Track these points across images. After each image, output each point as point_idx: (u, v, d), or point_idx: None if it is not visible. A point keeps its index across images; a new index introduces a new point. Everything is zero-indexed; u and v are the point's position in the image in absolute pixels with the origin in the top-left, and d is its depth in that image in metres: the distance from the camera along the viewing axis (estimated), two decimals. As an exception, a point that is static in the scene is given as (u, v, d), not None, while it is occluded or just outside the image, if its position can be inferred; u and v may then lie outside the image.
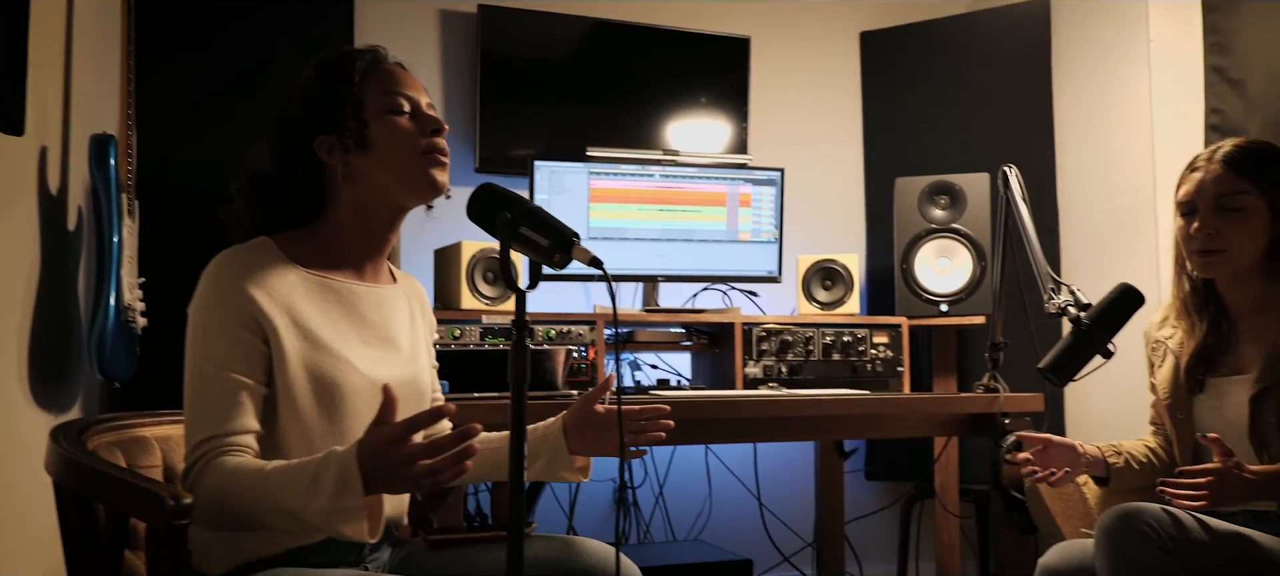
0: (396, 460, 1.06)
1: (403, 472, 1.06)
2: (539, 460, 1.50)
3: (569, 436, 1.49)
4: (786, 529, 3.14)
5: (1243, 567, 1.51)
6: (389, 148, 1.34)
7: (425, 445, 1.07)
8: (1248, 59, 2.40)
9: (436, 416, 1.09)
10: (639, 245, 2.61)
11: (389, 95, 1.36)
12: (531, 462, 1.50)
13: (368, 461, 1.07)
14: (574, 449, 1.49)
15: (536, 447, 1.50)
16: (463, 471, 1.08)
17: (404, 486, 1.10)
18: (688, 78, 3.09)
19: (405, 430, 1.07)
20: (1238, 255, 1.63)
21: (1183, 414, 1.75)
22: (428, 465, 1.06)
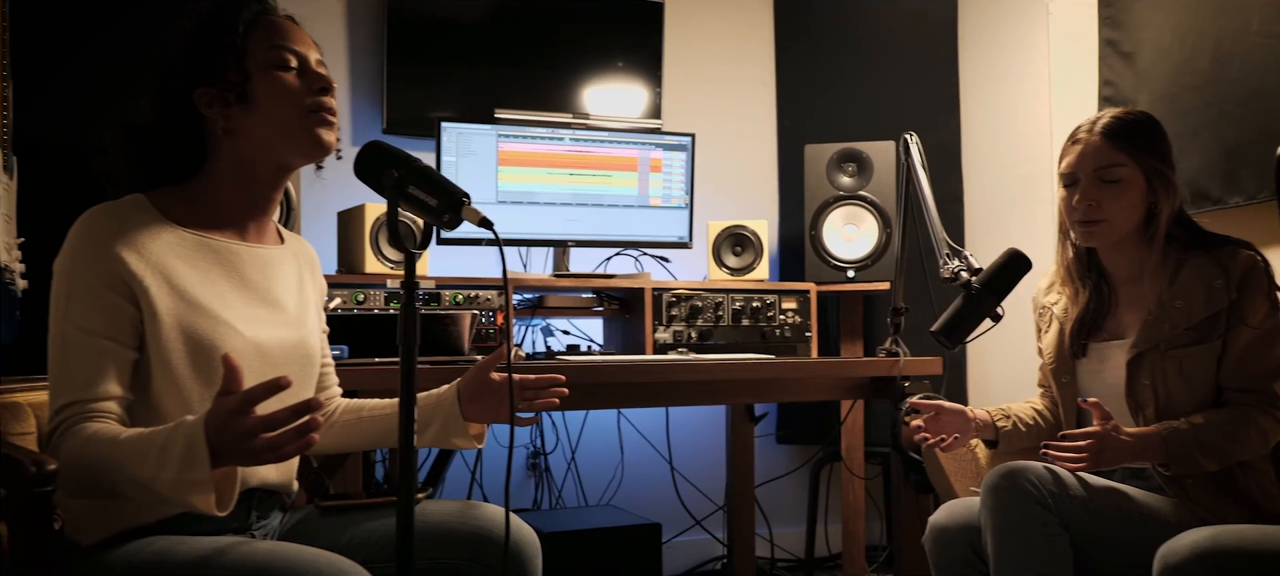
0: (237, 432, 1.03)
1: (244, 446, 1.03)
2: (432, 427, 1.48)
3: (463, 403, 1.47)
4: (698, 492, 3.18)
5: (1118, 521, 1.58)
6: (272, 103, 1.29)
7: (265, 418, 1.03)
8: (1138, 33, 2.47)
9: (273, 389, 1.04)
10: (549, 210, 2.59)
11: (274, 49, 1.31)
12: (424, 429, 1.48)
13: (214, 433, 1.04)
14: (468, 416, 1.47)
15: (430, 414, 1.48)
16: (307, 445, 1.05)
17: (248, 459, 1.06)
18: (601, 42, 3.05)
19: (243, 402, 1.03)
20: (1117, 224, 1.69)
21: (1067, 377, 1.81)
22: (268, 439, 1.03)
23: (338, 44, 2.86)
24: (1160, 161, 1.67)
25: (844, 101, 3.25)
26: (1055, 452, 1.61)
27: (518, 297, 2.68)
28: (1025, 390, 2.00)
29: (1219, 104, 2.23)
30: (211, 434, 1.03)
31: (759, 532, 3.14)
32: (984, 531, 1.61)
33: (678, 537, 3.16)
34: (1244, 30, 2.17)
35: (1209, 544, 1.23)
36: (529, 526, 1.47)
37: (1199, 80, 2.28)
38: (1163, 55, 2.39)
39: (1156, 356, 1.65)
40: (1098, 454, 1.58)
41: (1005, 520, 1.56)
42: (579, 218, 2.62)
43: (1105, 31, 2.57)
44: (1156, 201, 1.67)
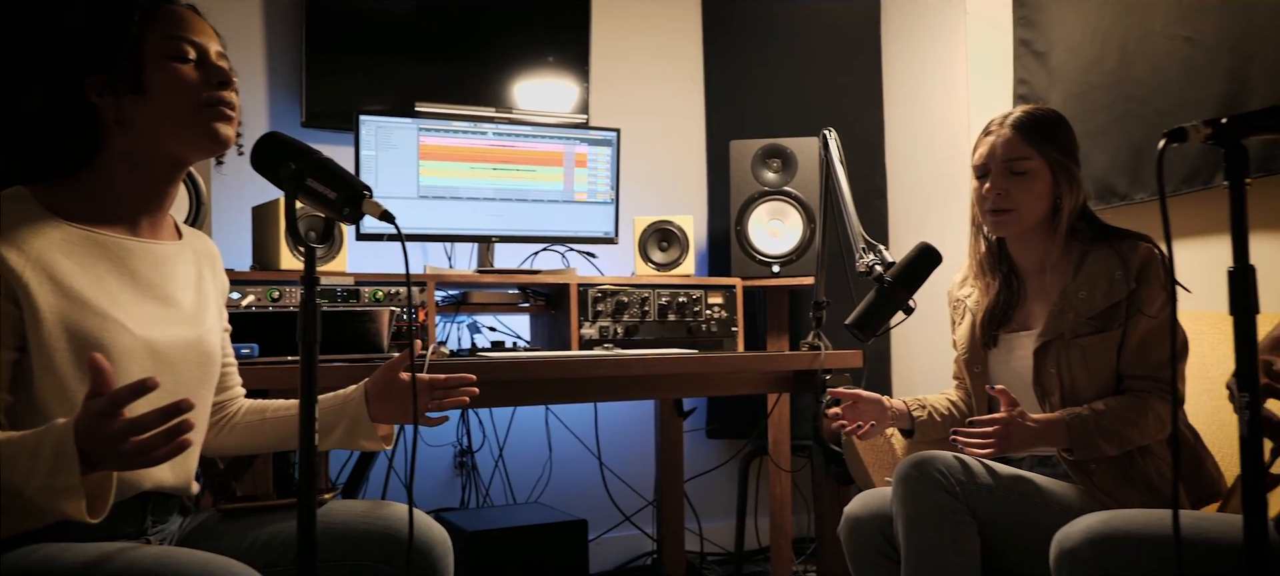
0: (106, 436, 0.99)
1: (114, 450, 0.99)
2: (338, 428, 1.45)
3: (371, 403, 1.44)
4: (628, 488, 3.18)
5: (1024, 508, 1.62)
6: (167, 95, 1.25)
7: (133, 421, 0.99)
8: (1051, 33, 2.54)
9: (140, 390, 1.00)
10: (473, 205, 2.56)
11: (172, 39, 1.27)
12: (330, 430, 1.44)
13: (83, 437, 1.00)
14: (376, 416, 1.45)
15: (336, 415, 1.45)
16: (180, 448, 1.01)
17: (119, 463, 1.02)
18: (527, 36, 3.02)
19: (111, 404, 0.99)
20: (1025, 215, 1.73)
21: (979, 367, 1.85)
22: (138, 442, 0.99)
23: (254, 35, 2.79)
24: (1065, 156, 1.72)
25: (771, 98, 3.28)
26: (964, 439, 1.64)
27: (442, 294, 2.64)
28: (948, 382, 2.04)
29: (1125, 103, 2.29)
30: (81, 438, 0.99)
31: (689, 527, 3.15)
32: (895, 520, 1.63)
33: (607, 534, 3.15)
34: (1148, 31, 2.24)
35: (1102, 528, 1.27)
36: (439, 525, 1.45)
37: (1107, 79, 2.35)
38: (1073, 55, 2.46)
39: (1062, 345, 1.70)
40: (1004, 439, 1.62)
41: (915, 509, 1.59)
42: (504, 213, 2.59)
43: (1020, 31, 2.63)
44: (1061, 195, 1.72)
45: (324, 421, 1.43)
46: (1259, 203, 2.07)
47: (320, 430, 1.44)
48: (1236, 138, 1.04)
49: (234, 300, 2.10)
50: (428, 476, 2.93)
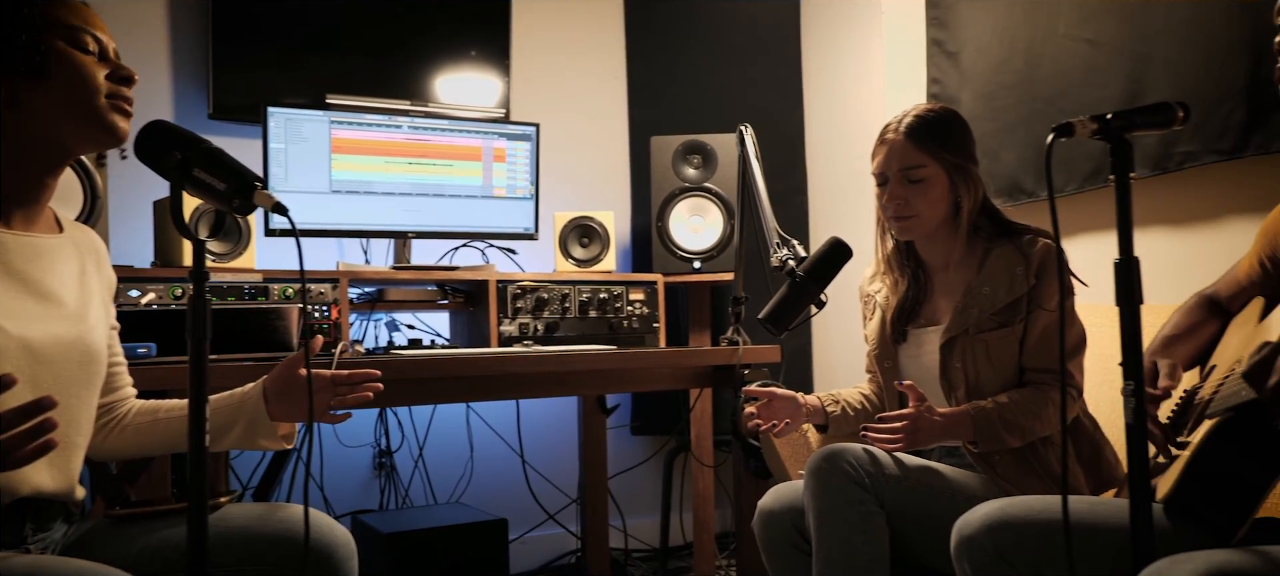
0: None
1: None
2: (236, 428, 1.40)
3: (269, 402, 1.40)
4: (551, 486, 3.15)
5: (930, 498, 1.64)
6: (68, 82, 1.22)
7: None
8: (961, 33, 2.59)
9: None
10: (388, 200, 2.50)
11: (76, 29, 1.24)
12: (227, 431, 1.40)
13: None
14: (275, 415, 1.40)
15: (233, 414, 1.40)
16: (44, 448, 0.97)
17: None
18: (447, 29, 2.97)
19: None
20: (926, 219, 1.76)
21: (888, 362, 1.87)
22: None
23: (157, 23, 2.69)
24: (961, 158, 1.75)
25: (694, 94, 3.29)
26: (873, 435, 1.66)
27: (357, 291, 2.58)
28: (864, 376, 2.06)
29: (1031, 102, 2.35)
30: None
31: (613, 524, 3.14)
32: (807, 513, 1.65)
33: (531, 532, 3.13)
34: (1052, 33, 2.30)
35: (998, 515, 1.30)
36: (342, 527, 1.41)
37: (1014, 79, 2.41)
38: (982, 55, 2.51)
39: (967, 340, 1.73)
40: (912, 433, 1.64)
41: (825, 501, 1.61)
42: (420, 208, 2.55)
43: (932, 32, 2.68)
44: (960, 196, 1.75)
45: (220, 421, 1.39)
46: (1155, 199, 2.15)
47: (216, 430, 1.39)
48: (1121, 133, 1.07)
49: (133, 298, 2.02)
50: (346, 478, 2.87)
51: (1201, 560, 1.00)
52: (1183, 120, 1.11)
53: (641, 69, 3.36)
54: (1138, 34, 2.09)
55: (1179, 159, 2.02)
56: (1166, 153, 2.04)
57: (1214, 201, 2.04)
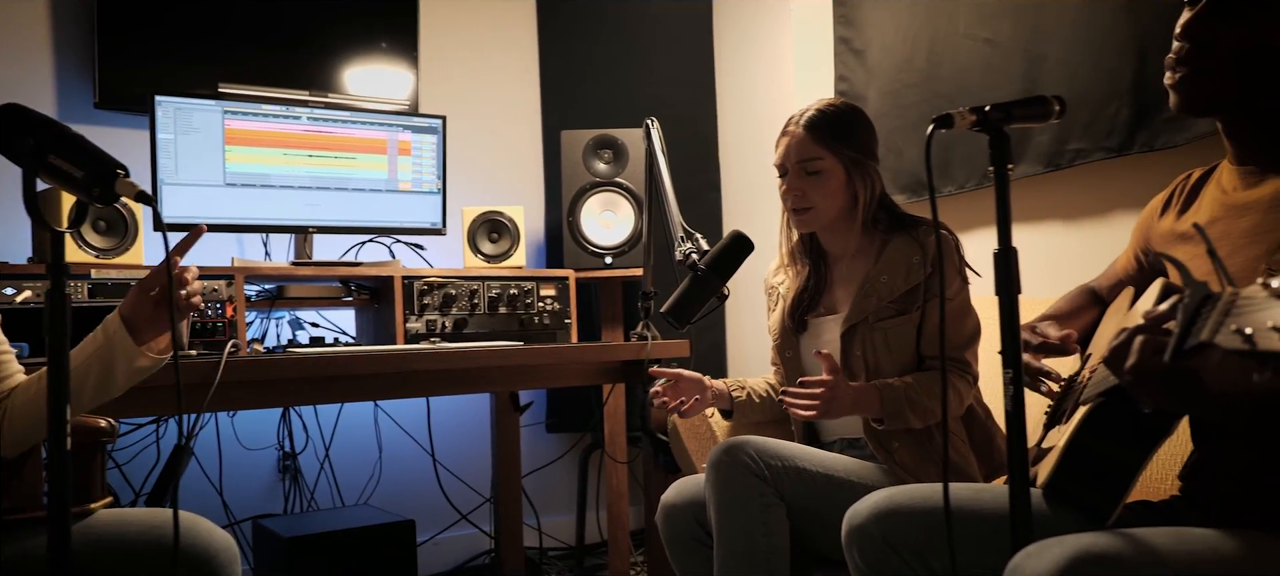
0: None
1: None
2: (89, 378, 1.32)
3: (134, 331, 1.33)
4: (464, 485, 3.10)
5: (830, 489, 1.66)
6: None
7: None
8: (867, 31, 2.63)
9: None
10: (287, 193, 2.42)
11: None
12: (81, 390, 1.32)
13: None
14: (143, 340, 1.34)
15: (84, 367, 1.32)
16: None
17: None
18: (351, 19, 2.89)
19: None
20: (823, 211, 1.78)
21: (790, 352, 1.89)
22: None
23: (39, 4, 2.55)
24: (858, 152, 1.77)
25: (607, 88, 3.27)
26: (790, 401, 1.66)
27: (255, 288, 2.50)
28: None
29: (933, 99, 2.40)
30: None
31: (528, 523, 3.10)
32: (708, 506, 1.65)
33: (443, 533, 3.07)
34: (952, 32, 2.35)
35: (886, 503, 1.31)
36: (224, 532, 1.36)
37: (917, 77, 2.45)
38: (887, 53, 2.55)
39: (866, 328, 1.75)
40: (829, 401, 1.64)
41: (726, 494, 1.61)
42: (321, 202, 2.47)
43: (839, 29, 2.72)
44: (856, 189, 1.77)
45: (77, 375, 1.31)
46: (1049, 194, 2.22)
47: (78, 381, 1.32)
48: (999, 125, 1.09)
49: (8, 296, 1.91)
50: (247, 481, 2.77)
51: (1069, 544, 1.02)
52: (1059, 113, 1.13)
53: (554, 63, 3.33)
54: (1032, 34, 2.15)
55: (1070, 156, 2.08)
56: (1059, 150, 2.10)
57: (1103, 197, 2.10)
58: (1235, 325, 0.80)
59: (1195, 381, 0.90)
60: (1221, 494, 1.21)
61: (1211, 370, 0.89)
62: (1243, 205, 1.16)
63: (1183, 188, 1.35)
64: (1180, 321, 0.91)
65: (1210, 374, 0.89)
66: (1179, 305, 0.92)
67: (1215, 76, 1.16)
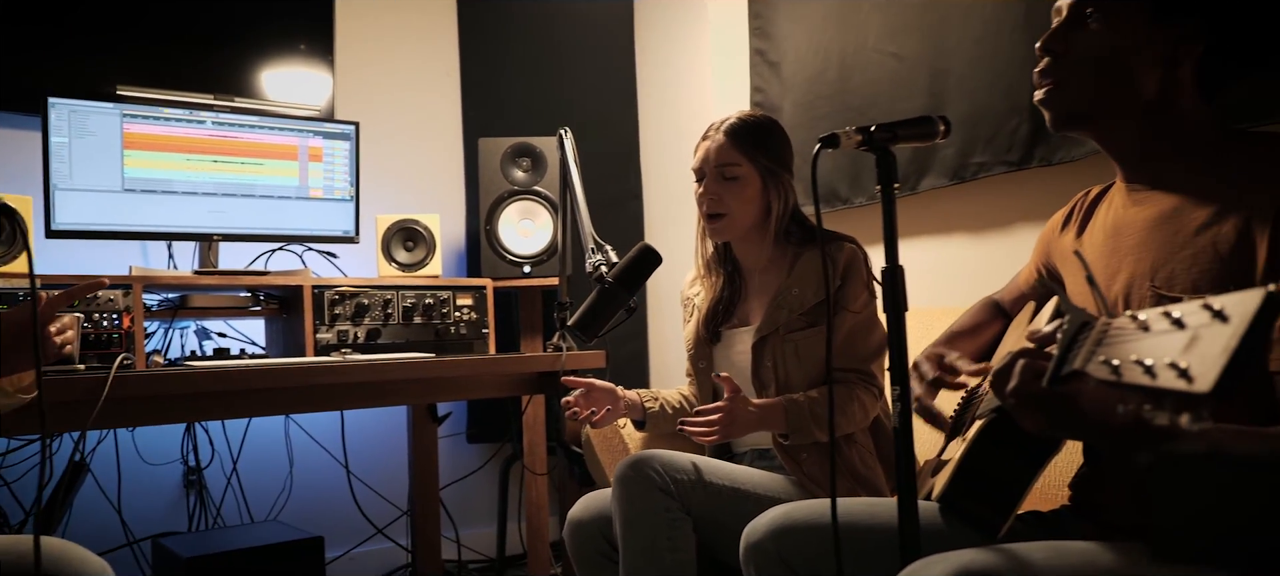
0: None
1: None
2: None
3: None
4: (380, 499, 3.04)
5: (738, 501, 1.66)
6: None
7: None
8: (782, 44, 2.66)
9: None
10: (191, 200, 2.34)
11: None
12: None
13: None
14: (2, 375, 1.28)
15: None
16: None
17: None
18: (259, 19, 2.81)
19: None
20: (737, 218, 1.79)
21: (704, 363, 1.89)
22: None
23: (-76, 2, 2.42)
24: (775, 163, 1.79)
25: (530, 95, 3.24)
26: (689, 427, 1.67)
27: (157, 297, 2.41)
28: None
29: (844, 112, 2.43)
30: None
31: (446, 535, 3.05)
32: (614, 521, 1.63)
33: (358, 548, 3.00)
34: (862, 47, 2.38)
35: (783, 519, 1.32)
36: (99, 559, 1.29)
37: (829, 90, 2.48)
38: (800, 66, 2.58)
39: (777, 340, 1.76)
40: (727, 425, 1.66)
41: (631, 509, 1.60)
42: (226, 209, 2.40)
43: (755, 41, 2.74)
44: (771, 200, 1.78)
45: None
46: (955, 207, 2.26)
47: None
48: (884, 144, 1.10)
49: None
50: (148, 499, 2.67)
51: (951, 560, 1.03)
52: (944, 133, 1.15)
53: (475, 69, 3.29)
54: (936, 51, 2.19)
55: (974, 169, 2.13)
56: (963, 163, 2.15)
57: (1007, 209, 2.15)
58: (1103, 356, 0.82)
59: (1072, 407, 0.92)
60: (1106, 505, 1.25)
61: (1086, 398, 0.90)
62: (1129, 225, 1.19)
63: (1082, 204, 1.38)
64: (1058, 348, 0.92)
65: (1085, 401, 0.91)
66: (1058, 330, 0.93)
67: (1069, 86, 1.17)
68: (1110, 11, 1.13)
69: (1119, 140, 1.19)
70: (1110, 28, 1.13)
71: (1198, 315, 0.73)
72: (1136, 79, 1.13)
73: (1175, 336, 0.74)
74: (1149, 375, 0.74)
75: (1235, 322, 0.69)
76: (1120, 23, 1.13)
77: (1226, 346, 0.68)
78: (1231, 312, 0.70)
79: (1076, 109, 1.18)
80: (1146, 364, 0.75)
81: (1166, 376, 0.72)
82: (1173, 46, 1.11)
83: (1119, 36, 1.13)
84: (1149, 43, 1.12)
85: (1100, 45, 1.14)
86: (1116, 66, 1.13)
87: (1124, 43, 1.13)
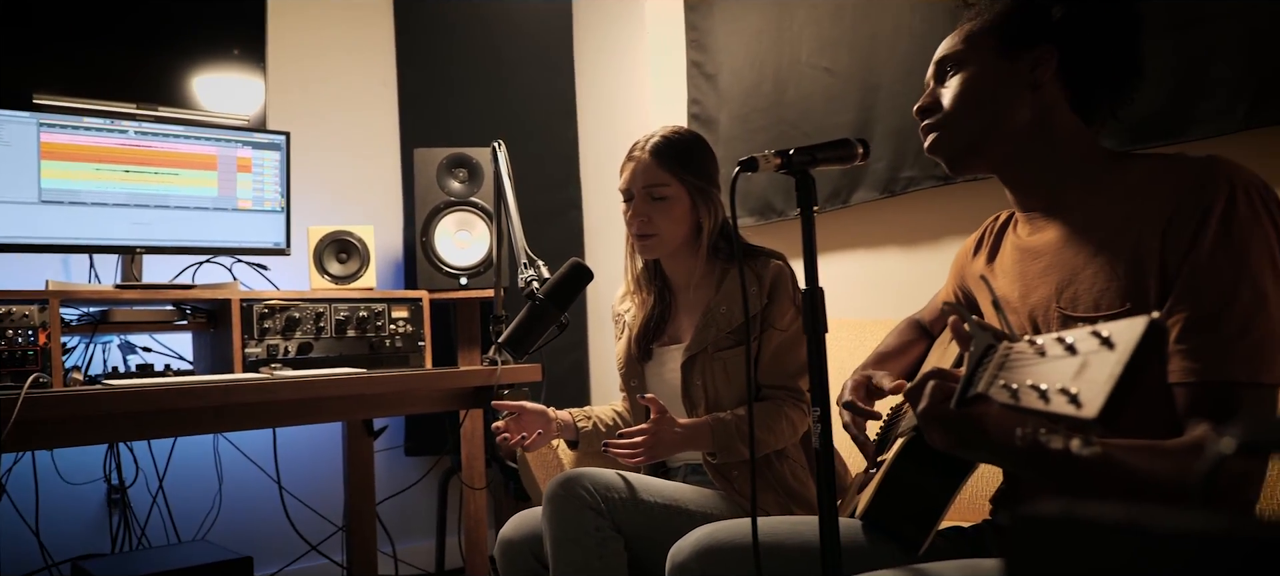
0: None
1: None
2: None
3: None
4: (314, 515, 2.98)
5: (669, 518, 1.66)
6: None
7: None
8: (718, 57, 2.67)
9: None
10: (112, 211, 2.27)
11: None
12: None
13: None
14: None
15: None
16: None
17: None
18: (192, 25, 2.74)
19: None
20: (667, 238, 1.78)
21: (635, 381, 1.88)
22: None
23: None
24: (702, 180, 1.78)
25: (469, 105, 3.21)
26: (615, 449, 1.66)
27: (77, 311, 2.33)
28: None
29: (779, 125, 2.45)
30: None
31: (383, 550, 3.00)
32: (545, 540, 1.62)
33: (291, 566, 2.94)
34: (795, 61, 2.41)
35: (708, 539, 1.32)
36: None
37: (765, 103, 2.50)
38: (737, 78, 2.60)
39: (706, 358, 1.76)
40: (653, 446, 1.65)
41: (562, 529, 1.58)
42: (152, 221, 2.33)
43: (692, 54, 2.75)
44: (700, 217, 1.78)
45: None
46: (887, 220, 2.29)
47: None
48: (803, 168, 1.11)
49: None
50: (69, 519, 2.58)
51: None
52: (862, 156, 1.16)
53: (413, 78, 3.25)
54: (867, 66, 2.22)
55: (904, 183, 2.16)
56: (894, 177, 2.18)
57: (936, 222, 2.19)
58: (1004, 380, 0.83)
59: (978, 429, 0.94)
60: (1022, 519, 1.27)
61: (990, 420, 0.92)
62: (1034, 250, 1.21)
63: (991, 229, 1.41)
64: (965, 371, 0.94)
65: (989, 423, 0.92)
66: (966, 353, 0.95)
67: (949, 131, 1.22)
68: (965, 60, 1.20)
69: (1010, 169, 1.22)
70: (970, 74, 1.18)
71: (1088, 342, 0.74)
72: (1009, 110, 1.17)
73: (1068, 362, 0.76)
74: (1043, 399, 0.76)
75: (1120, 350, 0.70)
76: (976, 66, 1.19)
77: (1112, 373, 0.69)
78: (1118, 340, 0.71)
79: (960, 148, 1.22)
80: (1041, 388, 0.76)
81: (1058, 401, 0.74)
82: (1030, 73, 1.16)
83: (980, 77, 1.18)
84: (1008, 74, 1.17)
85: (965, 89, 1.19)
86: (986, 102, 1.18)
87: (985, 81, 1.18)
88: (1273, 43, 1.56)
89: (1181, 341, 0.99)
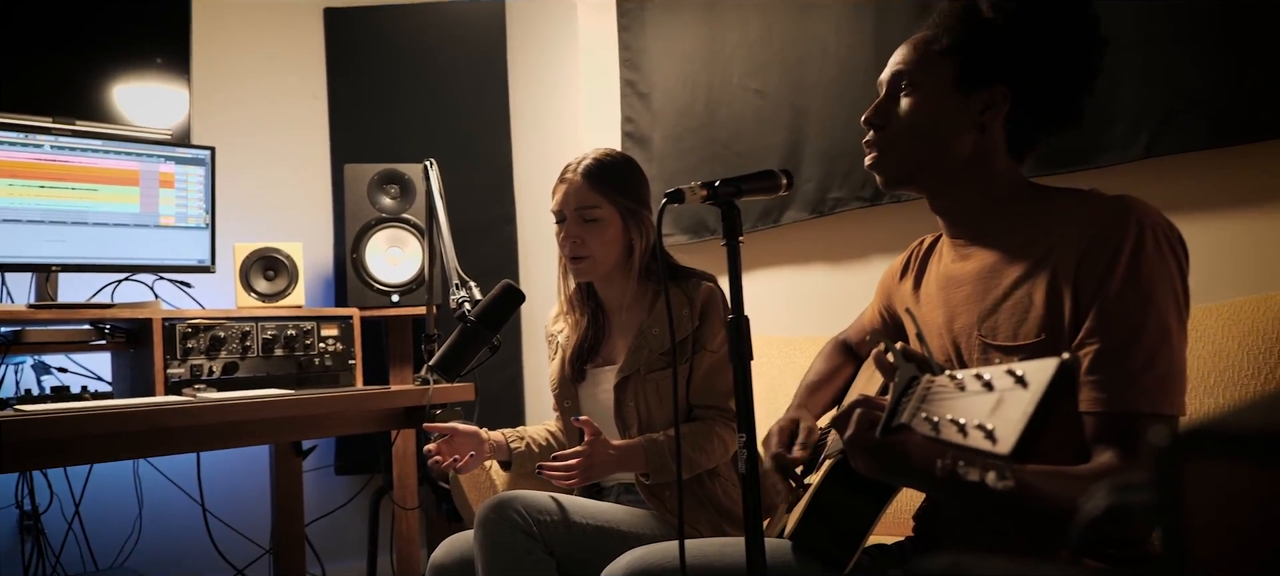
0: None
1: None
2: None
3: None
4: (240, 538, 2.90)
5: (602, 539, 1.66)
6: None
7: None
8: (652, 76, 2.69)
9: None
10: (27, 228, 2.20)
11: None
12: None
13: None
14: None
15: None
16: None
17: None
18: (114, 36, 2.66)
19: None
20: (600, 260, 1.79)
21: (569, 402, 1.88)
22: None
23: None
24: (634, 202, 1.80)
25: (401, 120, 3.18)
26: (549, 472, 1.66)
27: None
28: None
29: (711, 145, 2.49)
30: None
31: (313, 572, 2.94)
32: (476, 564, 1.61)
33: (216, 591, 2.86)
34: (727, 82, 2.44)
35: (639, 562, 1.33)
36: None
37: (697, 122, 2.53)
38: (669, 98, 2.62)
39: (639, 379, 1.77)
40: (587, 468, 1.66)
41: (493, 553, 1.58)
42: (69, 238, 2.26)
43: (625, 72, 2.77)
44: (632, 238, 1.80)
45: None
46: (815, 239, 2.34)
47: None
48: (729, 199, 1.13)
49: None
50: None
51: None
52: (787, 187, 1.19)
53: (344, 91, 3.20)
54: (796, 89, 2.26)
55: (831, 203, 2.20)
56: (822, 198, 2.22)
57: (862, 242, 2.24)
58: (925, 412, 0.86)
59: (901, 457, 0.97)
60: (944, 537, 1.31)
61: (912, 449, 0.95)
62: (958, 278, 1.25)
63: (917, 254, 1.44)
64: (890, 400, 0.97)
65: (911, 452, 0.95)
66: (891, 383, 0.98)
67: (892, 154, 1.24)
68: (920, 84, 1.21)
69: (942, 198, 1.26)
70: (922, 99, 1.20)
71: (1004, 379, 0.77)
72: (951, 143, 1.19)
73: (985, 398, 0.79)
74: (961, 433, 0.79)
75: (1033, 389, 0.74)
76: (930, 94, 1.20)
77: (1025, 411, 0.73)
78: (1031, 379, 0.74)
79: (900, 172, 1.24)
80: (960, 422, 0.79)
81: (975, 436, 0.77)
82: (980, 111, 1.18)
83: (931, 106, 1.20)
84: (959, 109, 1.19)
85: (914, 115, 1.21)
86: (932, 133, 1.20)
87: (936, 112, 1.20)
88: (1173, 73, 1.64)
89: (1091, 372, 1.04)
